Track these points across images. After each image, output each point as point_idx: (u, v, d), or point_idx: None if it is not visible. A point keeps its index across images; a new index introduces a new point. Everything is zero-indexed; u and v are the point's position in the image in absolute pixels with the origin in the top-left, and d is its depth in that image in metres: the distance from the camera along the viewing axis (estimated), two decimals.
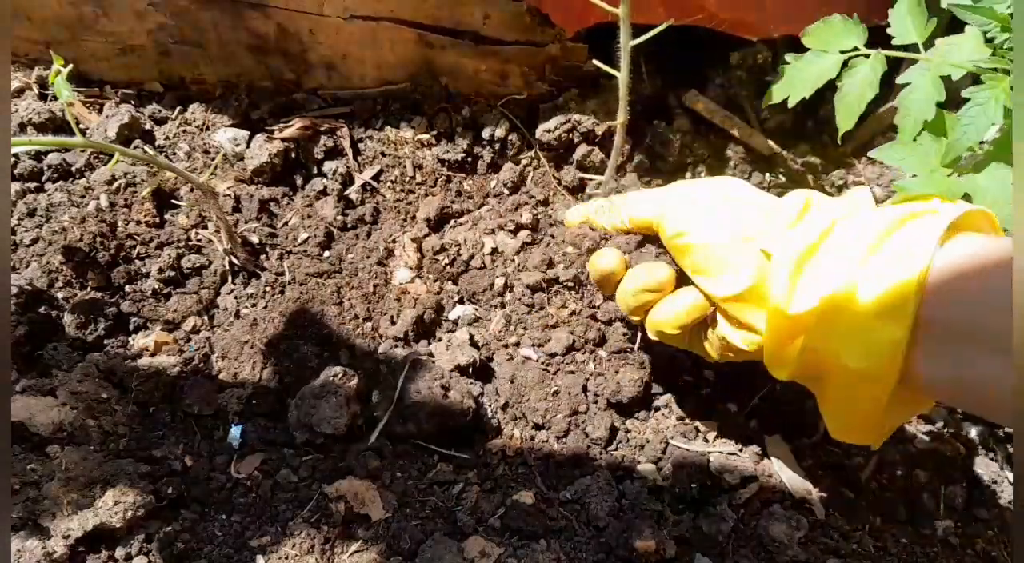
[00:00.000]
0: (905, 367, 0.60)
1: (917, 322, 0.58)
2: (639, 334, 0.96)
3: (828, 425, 0.72)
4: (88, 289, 0.97)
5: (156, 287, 1.00)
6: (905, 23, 0.85)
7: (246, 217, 1.08)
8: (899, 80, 0.84)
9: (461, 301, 1.06)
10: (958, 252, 0.58)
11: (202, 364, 0.95)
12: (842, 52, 0.87)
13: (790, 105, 0.91)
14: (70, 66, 0.73)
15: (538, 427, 0.94)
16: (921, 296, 0.57)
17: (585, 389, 0.96)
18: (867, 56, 0.86)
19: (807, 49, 0.91)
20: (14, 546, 0.70)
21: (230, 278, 1.02)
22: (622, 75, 0.84)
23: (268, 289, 1.01)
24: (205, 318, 1.00)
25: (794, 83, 0.90)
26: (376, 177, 1.15)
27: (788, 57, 0.92)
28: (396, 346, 0.99)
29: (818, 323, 0.64)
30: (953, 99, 0.78)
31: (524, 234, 1.09)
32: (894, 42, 0.86)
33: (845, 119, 0.87)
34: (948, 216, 0.60)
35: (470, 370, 0.97)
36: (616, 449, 0.94)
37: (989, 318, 0.55)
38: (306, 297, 1.00)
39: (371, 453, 0.89)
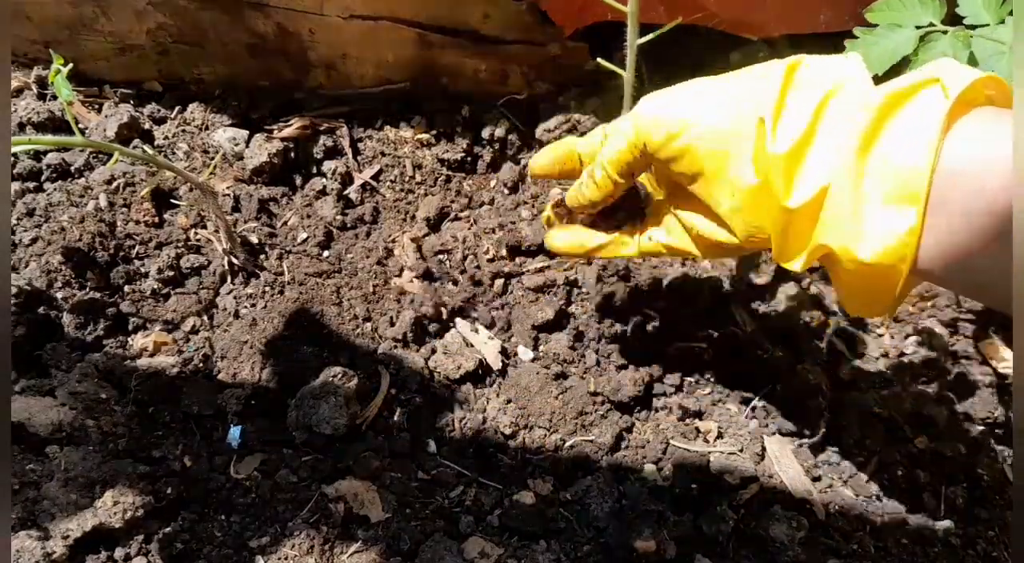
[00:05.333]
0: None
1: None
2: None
3: (842, 303, 0.70)
4: (87, 289, 0.97)
5: (155, 287, 1.00)
6: (975, 2, 0.80)
7: (245, 217, 1.08)
8: (981, 68, 0.77)
9: (461, 301, 1.05)
10: (968, 132, 0.55)
11: (201, 364, 0.95)
12: (917, 27, 0.81)
13: None
14: (70, 65, 0.73)
15: (538, 427, 0.94)
16: (931, 183, 0.55)
17: (586, 389, 0.96)
18: (945, 32, 0.79)
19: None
20: (13, 546, 0.69)
21: (229, 278, 1.02)
22: (627, 74, 0.83)
23: (267, 289, 1.01)
24: (204, 318, 1.00)
25: (866, 59, 0.85)
26: (376, 177, 1.15)
27: (857, 31, 0.85)
28: (396, 347, 0.99)
29: (824, 215, 0.61)
30: None
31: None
32: (965, 22, 0.80)
33: None
34: (954, 90, 0.56)
35: (470, 372, 0.97)
36: (617, 449, 0.94)
37: (997, 198, 0.52)
38: (306, 297, 1.00)
39: (371, 453, 0.88)
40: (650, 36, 0.79)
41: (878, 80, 0.72)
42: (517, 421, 0.94)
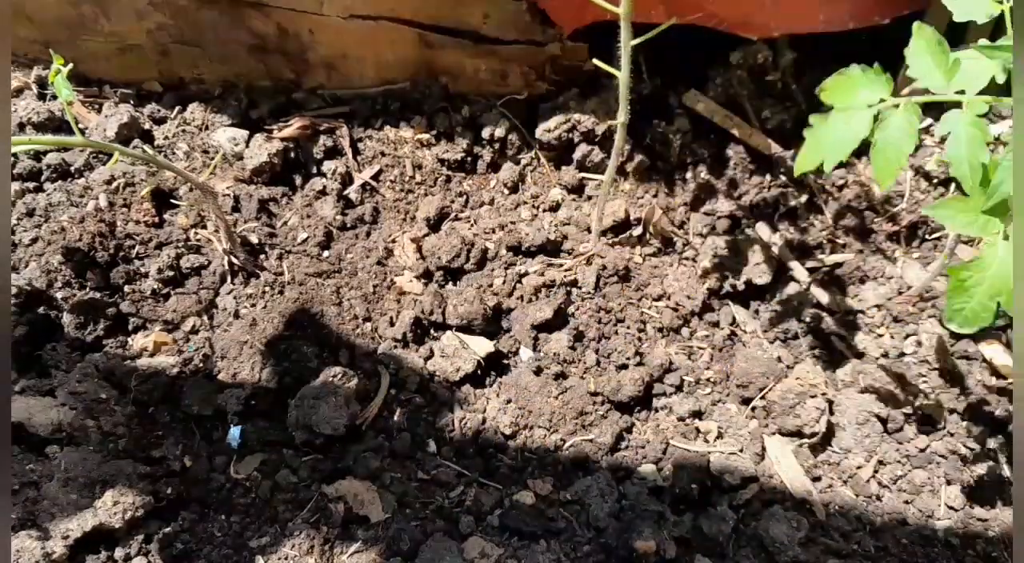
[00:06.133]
0: None
1: None
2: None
3: None
4: (87, 289, 0.97)
5: (155, 287, 1.00)
6: (925, 62, 0.79)
7: (245, 217, 1.08)
8: (938, 131, 0.78)
9: (461, 301, 1.05)
10: None
11: (201, 364, 0.95)
12: (869, 106, 0.80)
13: (826, 171, 0.82)
14: (70, 65, 0.73)
15: (538, 427, 0.94)
16: None
17: (586, 389, 0.96)
18: (897, 106, 0.79)
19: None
20: (13, 546, 0.70)
21: (229, 278, 1.02)
22: (622, 75, 0.83)
23: (267, 289, 1.01)
24: (204, 318, 1.00)
25: (825, 147, 0.82)
26: (376, 177, 1.15)
27: (812, 119, 0.84)
28: (396, 347, 0.99)
29: None
30: None
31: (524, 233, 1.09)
32: (914, 85, 0.80)
33: (884, 175, 0.79)
34: None
35: (469, 372, 0.97)
36: (617, 449, 0.94)
37: None
38: (305, 297, 1.00)
39: (371, 453, 0.88)
40: (644, 37, 0.79)
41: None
42: (517, 421, 0.94)
